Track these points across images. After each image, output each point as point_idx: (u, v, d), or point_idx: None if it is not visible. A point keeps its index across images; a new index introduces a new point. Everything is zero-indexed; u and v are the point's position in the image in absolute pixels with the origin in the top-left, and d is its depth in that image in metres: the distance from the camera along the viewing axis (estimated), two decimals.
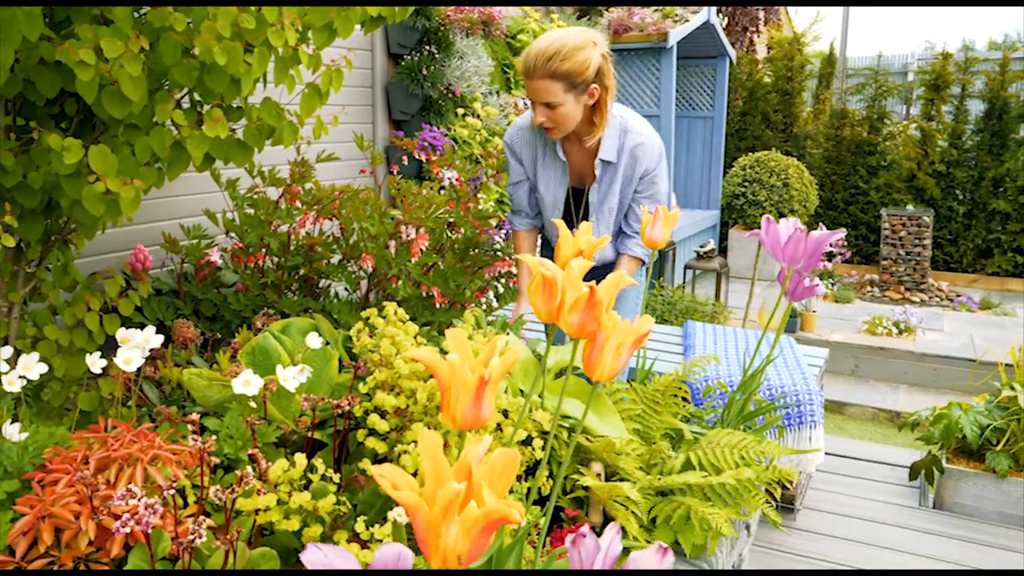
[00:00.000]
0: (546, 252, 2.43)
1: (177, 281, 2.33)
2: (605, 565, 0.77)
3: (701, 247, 5.46)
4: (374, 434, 1.48)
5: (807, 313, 5.16)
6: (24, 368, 1.35)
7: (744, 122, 7.72)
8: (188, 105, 1.58)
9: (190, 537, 1.08)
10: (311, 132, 1.75)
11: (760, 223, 5.53)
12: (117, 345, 1.60)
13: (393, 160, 3.56)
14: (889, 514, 2.73)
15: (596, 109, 1.90)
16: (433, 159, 3.01)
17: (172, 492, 1.17)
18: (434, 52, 3.61)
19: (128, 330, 1.57)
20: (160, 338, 1.59)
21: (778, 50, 7.55)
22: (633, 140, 1.94)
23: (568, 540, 0.75)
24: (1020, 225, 6.65)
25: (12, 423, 1.40)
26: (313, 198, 2.21)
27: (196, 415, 1.22)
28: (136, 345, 1.55)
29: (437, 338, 1.93)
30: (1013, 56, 6.81)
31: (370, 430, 1.48)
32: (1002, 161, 6.67)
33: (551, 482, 1.57)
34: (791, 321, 5.07)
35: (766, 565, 2.34)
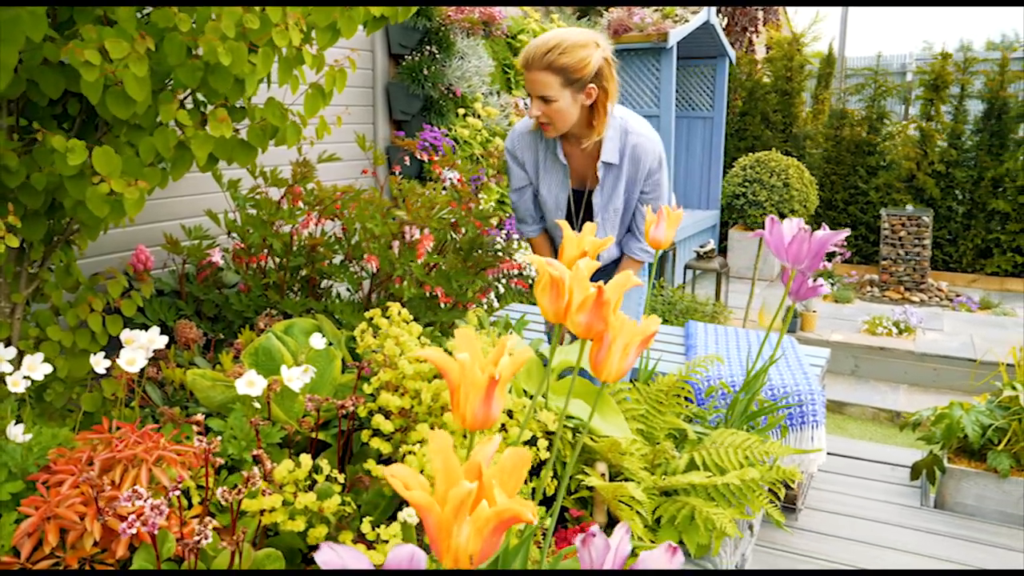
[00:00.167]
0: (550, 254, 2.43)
1: (179, 282, 2.33)
2: (615, 565, 0.77)
3: (701, 247, 5.46)
4: (378, 435, 1.48)
5: (807, 313, 5.16)
6: (29, 369, 1.34)
7: (744, 122, 7.72)
8: (191, 105, 1.58)
9: (196, 538, 1.08)
10: (313, 132, 1.75)
11: (760, 223, 5.51)
12: (119, 346, 1.60)
13: (395, 161, 3.56)
14: (891, 514, 2.73)
15: (594, 111, 1.89)
16: (435, 159, 3.00)
17: (177, 493, 1.17)
18: (435, 52, 3.61)
19: (132, 331, 1.57)
20: (164, 339, 1.59)
21: (777, 50, 7.56)
22: (634, 141, 1.94)
23: (578, 540, 0.75)
24: (1019, 225, 6.66)
25: (16, 424, 1.40)
26: (315, 199, 2.21)
27: (201, 416, 1.22)
28: (140, 346, 1.55)
29: (440, 338, 1.93)
30: (1012, 56, 6.82)
31: (374, 431, 1.48)
32: (1001, 161, 6.68)
33: (555, 482, 1.57)
34: (792, 321, 5.08)
35: (768, 565, 2.34)
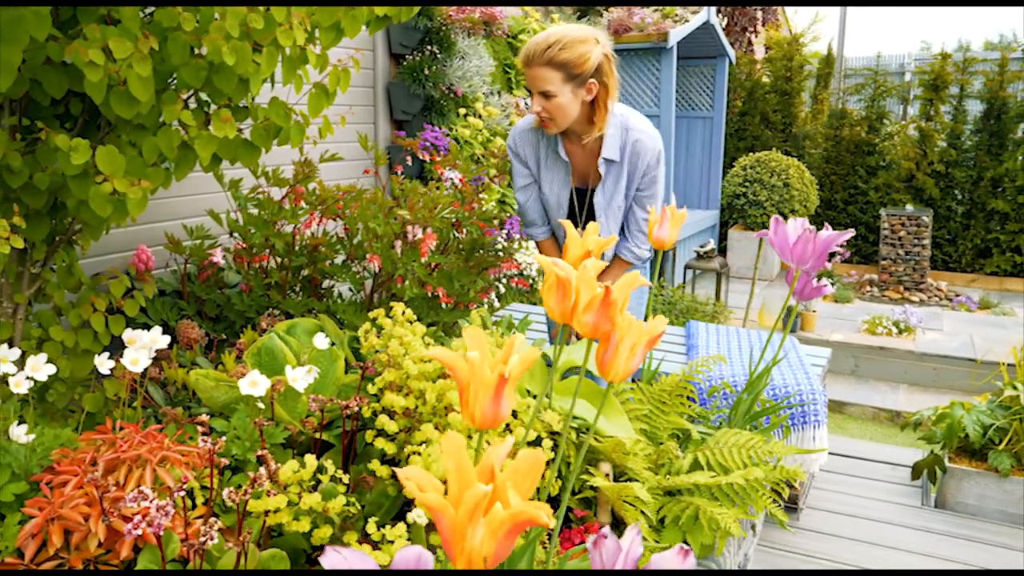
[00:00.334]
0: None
1: (181, 282, 2.33)
2: (626, 566, 0.77)
3: (701, 247, 5.46)
4: (383, 435, 1.47)
5: (807, 313, 5.16)
6: (32, 369, 1.34)
7: (743, 122, 7.73)
8: (194, 105, 1.58)
9: (202, 539, 1.08)
10: (316, 132, 1.75)
11: (760, 223, 5.49)
12: (121, 346, 1.59)
13: (397, 160, 3.56)
14: (892, 513, 2.73)
15: (595, 108, 1.90)
16: (437, 159, 3.00)
17: (182, 494, 1.16)
18: (436, 52, 3.61)
19: (134, 331, 1.56)
20: (167, 339, 1.59)
21: (777, 50, 7.56)
22: (635, 137, 1.95)
23: (589, 541, 0.75)
24: (1018, 225, 6.66)
25: (18, 424, 1.39)
26: (318, 198, 2.20)
27: (206, 416, 1.22)
28: (143, 346, 1.54)
29: (443, 338, 1.93)
30: (1011, 56, 6.82)
31: (379, 431, 1.48)
32: (1001, 161, 6.69)
33: (559, 482, 1.57)
34: (792, 321, 5.08)
35: (770, 564, 2.34)
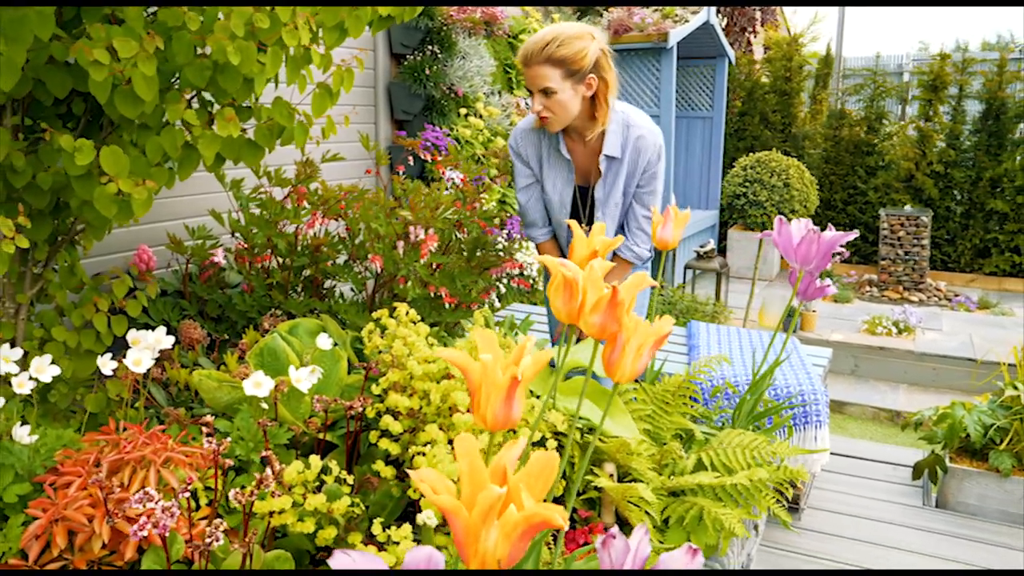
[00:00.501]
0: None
1: (182, 282, 2.32)
2: (635, 566, 0.77)
3: (701, 247, 5.46)
4: (387, 435, 1.47)
5: (807, 313, 5.17)
6: (37, 370, 1.34)
7: (743, 122, 7.73)
8: (197, 105, 1.57)
9: (207, 540, 1.08)
10: (319, 132, 1.75)
11: (760, 223, 5.48)
12: (123, 346, 1.59)
13: (399, 160, 3.55)
14: (893, 513, 2.74)
15: (596, 103, 1.92)
16: (438, 159, 3.00)
17: (187, 495, 1.16)
18: (436, 52, 3.60)
19: (137, 331, 1.56)
20: (170, 339, 1.59)
21: (776, 50, 7.56)
22: (636, 133, 1.96)
23: (598, 542, 0.75)
24: (1017, 225, 6.67)
25: (21, 425, 1.39)
26: (320, 199, 2.20)
27: (210, 417, 1.21)
28: (146, 346, 1.54)
29: (446, 338, 1.92)
30: (1010, 57, 6.83)
31: (383, 431, 1.47)
32: (1000, 161, 6.69)
33: (563, 483, 1.57)
34: (789, 320, 5.08)
35: (772, 564, 2.34)
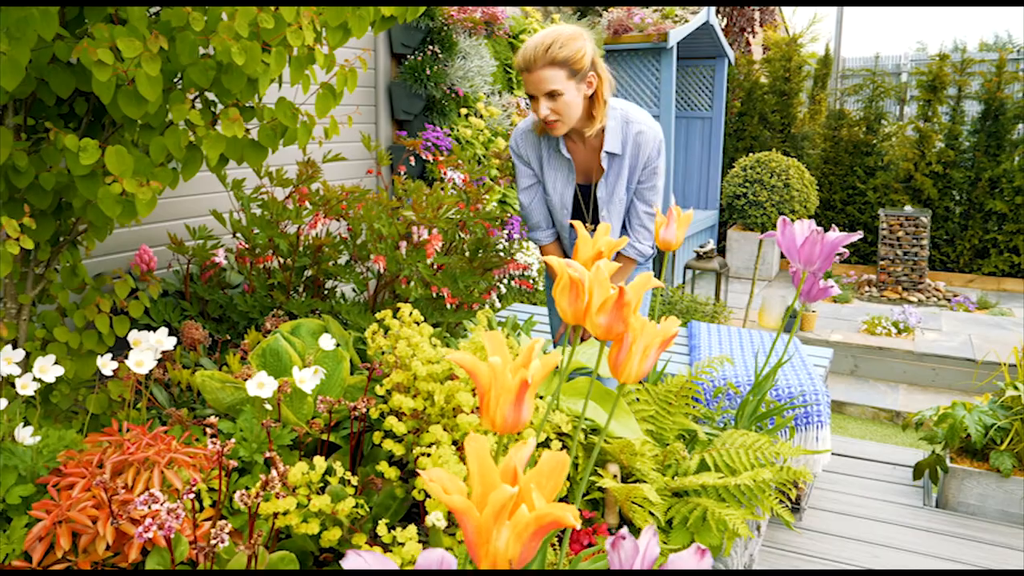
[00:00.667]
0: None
1: (183, 282, 2.32)
2: (643, 566, 0.77)
3: (701, 247, 5.46)
4: (390, 436, 1.47)
5: (807, 313, 5.17)
6: (40, 371, 1.33)
7: (742, 122, 7.73)
8: (200, 105, 1.57)
9: (212, 541, 1.07)
10: (321, 132, 1.74)
11: (760, 223, 5.47)
12: (125, 347, 1.58)
13: (400, 161, 3.55)
14: (893, 513, 2.74)
15: (594, 101, 1.93)
16: (440, 159, 2.99)
17: (192, 496, 1.16)
18: (437, 52, 3.60)
19: (140, 332, 1.56)
20: (172, 340, 1.58)
21: (776, 51, 7.56)
22: (636, 129, 1.97)
23: (608, 543, 0.75)
24: (1016, 225, 6.68)
25: (24, 426, 1.39)
26: (322, 199, 2.20)
27: (214, 418, 1.21)
28: (148, 347, 1.54)
29: (449, 339, 1.92)
30: (1008, 57, 6.84)
31: (386, 432, 1.47)
32: (998, 162, 6.71)
33: (567, 484, 1.57)
34: (791, 321, 5.08)
35: (774, 564, 2.34)
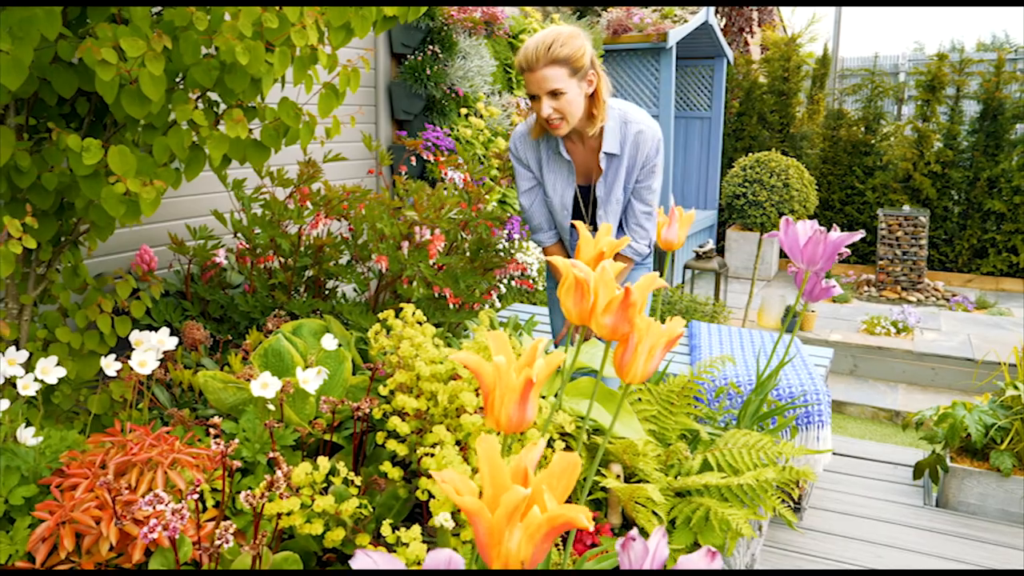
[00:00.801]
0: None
1: (184, 282, 2.31)
2: (653, 567, 0.77)
3: (700, 247, 5.47)
4: (394, 436, 1.47)
5: (807, 313, 5.18)
6: (43, 372, 1.33)
7: (741, 122, 7.74)
8: (203, 105, 1.57)
9: (217, 542, 1.07)
10: (322, 132, 1.74)
11: (760, 223, 5.46)
12: (126, 347, 1.58)
13: (400, 161, 3.55)
14: (894, 513, 2.74)
15: (594, 99, 1.94)
16: (441, 159, 2.99)
17: (196, 496, 1.16)
18: (437, 52, 3.60)
19: (141, 332, 1.55)
20: (175, 340, 1.58)
21: (774, 51, 7.57)
22: (634, 129, 1.97)
23: (617, 544, 0.75)
24: (1014, 225, 6.70)
25: (26, 427, 1.38)
26: (323, 199, 2.19)
27: (218, 419, 1.21)
28: (150, 348, 1.53)
29: (451, 339, 1.92)
30: (1007, 57, 6.85)
31: (389, 432, 1.47)
32: (997, 162, 6.72)
33: None
34: (793, 321, 5.09)
35: (775, 564, 2.34)
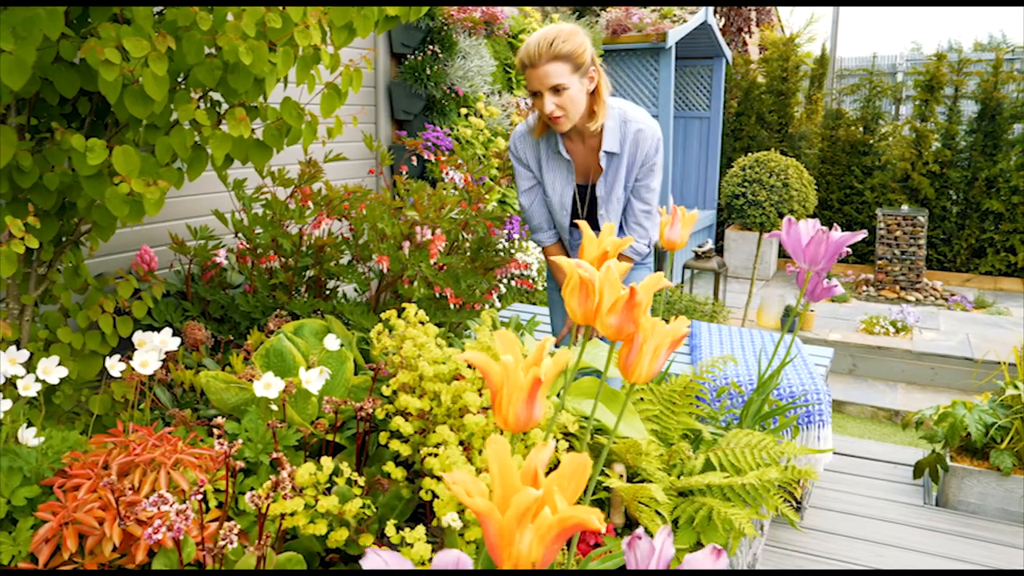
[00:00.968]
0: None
1: (184, 282, 2.31)
2: (659, 566, 0.77)
3: (699, 247, 5.47)
4: (397, 436, 1.47)
5: (806, 312, 5.18)
6: (44, 372, 1.33)
7: (739, 122, 7.74)
8: (206, 105, 1.56)
9: (221, 542, 1.07)
10: (324, 132, 1.74)
11: (759, 223, 5.45)
12: (126, 347, 1.57)
13: (401, 161, 3.54)
14: (894, 512, 2.75)
15: (595, 96, 1.94)
16: (442, 159, 2.99)
17: (200, 497, 1.15)
18: (437, 52, 3.60)
19: (143, 333, 1.55)
20: (176, 341, 1.58)
21: (773, 51, 7.57)
22: (634, 128, 1.98)
23: (624, 543, 0.75)
24: (1013, 225, 6.71)
25: (27, 428, 1.38)
26: (324, 199, 2.19)
27: (222, 419, 1.21)
28: (153, 348, 1.53)
29: (452, 338, 1.92)
30: (1005, 57, 6.86)
31: (392, 432, 1.47)
32: (995, 161, 6.73)
33: None
34: (794, 321, 5.09)
35: (776, 564, 2.34)
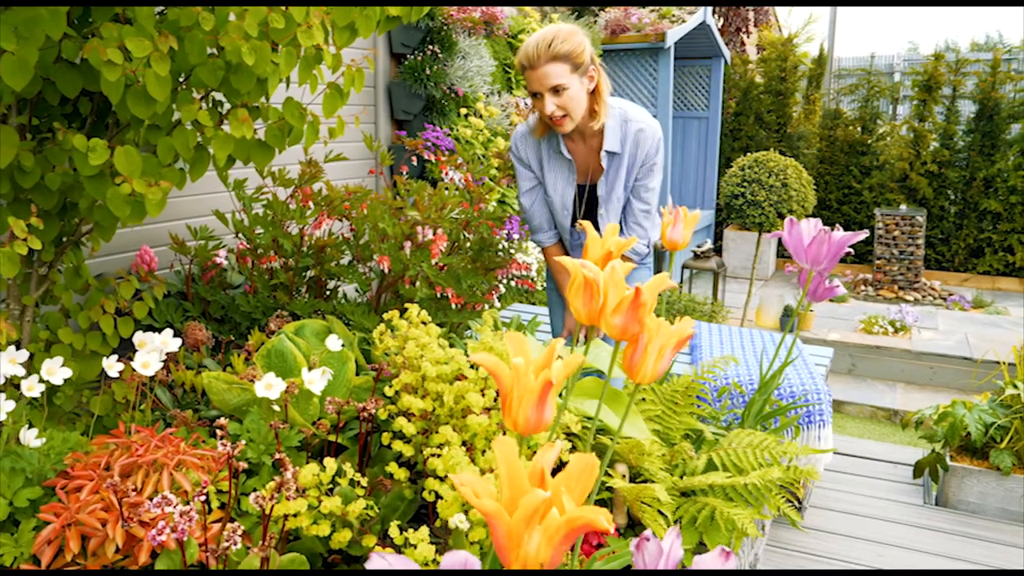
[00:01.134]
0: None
1: (185, 283, 2.31)
2: (667, 567, 0.77)
3: (698, 247, 5.47)
4: (399, 437, 1.47)
5: (805, 312, 5.18)
6: (48, 373, 1.32)
7: (738, 122, 7.75)
8: (208, 105, 1.56)
9: (224, 544, 1.07)
10: (326, 132, 1.74)
11: (758, 223, 5.45)
12: (127, 348, 1.57)
13: (402, 161, 3.54)
14: (894, 512, 2.75)
15: (595, 96, 1.95)
16: (442, 159, 2.99)
17: (203, 498, 1.15)
18: (437, 52, 3.59)
19: (145, 333, 1.55)
20: (177, 341, 1.58)
21: (771, 51, 7.58)
22: (635, 127, 1.98)
23: (632, 544, 0.75)
24: (1011, 225, 6.72)
25: (28, 429, 1.38)
26: (325, 199, 2.19)
27: (224, 420, 1.21)
28: (154, 349, 1.53)
29: (454, 339, 1.92)
30: (1003, 57, 6.88)
31: (395, 433, 1.47)
32: (993, 161, 6.74)
33: None
34: (793, 321, 5.09)
35: (778, 564, 2.35)
